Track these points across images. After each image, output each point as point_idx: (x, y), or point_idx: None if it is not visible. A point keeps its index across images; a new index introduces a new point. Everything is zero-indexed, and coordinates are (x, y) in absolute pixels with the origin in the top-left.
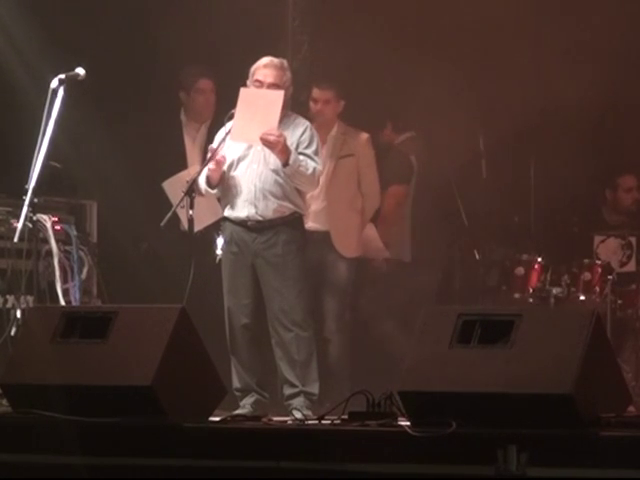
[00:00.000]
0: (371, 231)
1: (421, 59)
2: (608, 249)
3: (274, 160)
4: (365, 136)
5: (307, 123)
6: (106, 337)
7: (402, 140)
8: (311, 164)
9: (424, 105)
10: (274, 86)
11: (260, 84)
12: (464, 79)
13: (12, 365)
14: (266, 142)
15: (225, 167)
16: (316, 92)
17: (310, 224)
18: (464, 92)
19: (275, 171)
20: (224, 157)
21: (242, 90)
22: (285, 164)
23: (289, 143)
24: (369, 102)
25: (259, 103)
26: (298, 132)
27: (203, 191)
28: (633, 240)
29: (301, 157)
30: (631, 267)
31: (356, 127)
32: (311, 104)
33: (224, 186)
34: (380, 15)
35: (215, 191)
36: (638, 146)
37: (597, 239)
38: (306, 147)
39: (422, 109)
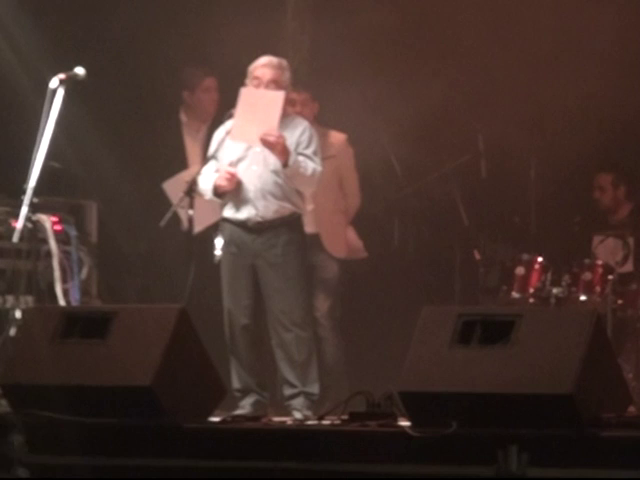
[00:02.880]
0: (350, 232)
1: (421, 58)
2: (607, 249)
3: (274, 161)
4: (343, 136)
5: (305, 123)
6: (106, 337)
7: None
8: (310, 165)
9: (424, 104)
10: (273, 83)
11: (259, 81)
12: (464, 79)
13: (12, 365)
14: (266, 143)
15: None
16: (293, 94)
17: None
18: (464, 92)
19: (275, 172)
20: (237, 175)
21: (242, 90)
22: (285, 165)
23: (288, 143)
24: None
25: (259, 103)
26: (297, 132)
27: (207, 197)
28: (631, 240)
29: (300, 158)
30: (628, 267)
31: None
32: (288, 108)
33: None
34: (380, 14)
35: (221, 200)
36: (615, 143)
37: (596, 239)
38: (305, 147)
39: (422, 108)
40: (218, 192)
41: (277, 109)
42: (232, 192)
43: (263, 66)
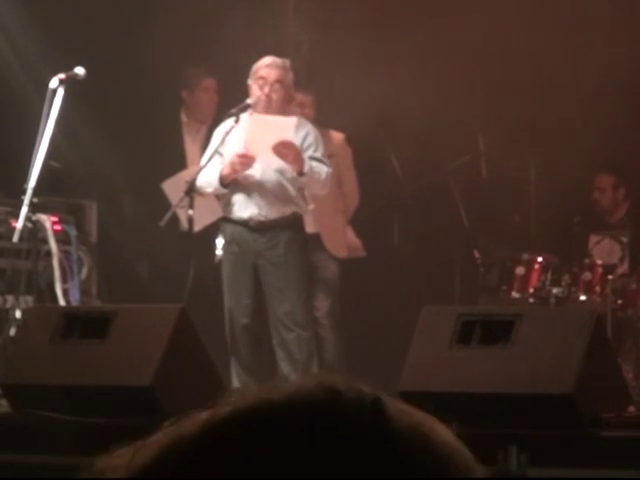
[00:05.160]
0: (348, 231)
1: (421, 57)
2: (603, 250)
3: (277, 161)
4: (341, 136)
5: (309, 125)
6: (106, 337)
7: None
8: (323, 169)
9: (424, 103)
10: (278, 83)
11: (264, 81)
12: (464, 79)
13: (12, 365)
14: (279, 154)
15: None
16: (301, 96)
17: None
18: (464, 92)
19: (279, 172)
20: (251, 154)
21: (253, 116)
22: (300, 174)
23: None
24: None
25: (270, 132)
26: (301, 134)
27: (209, 191)
28: (625, 241)
29: (314, 163)
30: (624, 269)
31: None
32: (295, 109)
33: None
34: (380, 14)
35: (226, 190)
36: (616, 143)
37: (593, 239)
38: (315, 150)
39: (422, 107)
40: (226, 181)
41: (289, 136)
42: (239, 187)
43: (267, 66)
